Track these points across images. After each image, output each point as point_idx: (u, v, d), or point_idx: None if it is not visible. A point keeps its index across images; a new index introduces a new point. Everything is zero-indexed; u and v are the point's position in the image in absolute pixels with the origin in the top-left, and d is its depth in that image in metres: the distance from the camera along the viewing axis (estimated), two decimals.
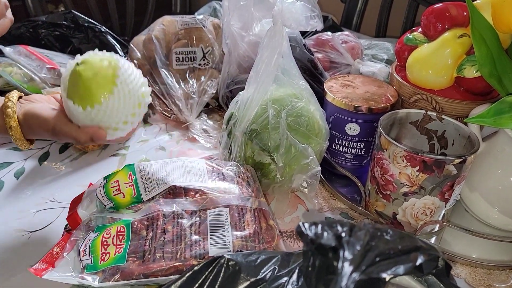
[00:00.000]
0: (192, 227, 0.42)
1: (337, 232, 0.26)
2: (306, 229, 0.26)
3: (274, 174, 0.56)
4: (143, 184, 0.46)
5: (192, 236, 0.41)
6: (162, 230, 0.41)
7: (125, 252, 0.39)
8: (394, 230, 0.30)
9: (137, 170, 0.47)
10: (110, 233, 0.41)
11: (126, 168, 0.47)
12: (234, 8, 0.74)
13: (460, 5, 0.60)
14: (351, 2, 1.31)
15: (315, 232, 0.26)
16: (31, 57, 0.73)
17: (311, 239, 0.25)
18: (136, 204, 0.45)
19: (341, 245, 0.24)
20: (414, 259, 0.27)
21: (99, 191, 0.46)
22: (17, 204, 0.57)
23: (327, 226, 0.26)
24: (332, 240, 0.25)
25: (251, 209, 0.46)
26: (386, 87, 0.65)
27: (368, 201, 0.59)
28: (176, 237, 0.41)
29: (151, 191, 0.45)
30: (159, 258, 0.39)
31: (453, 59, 0.58)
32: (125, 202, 0.45)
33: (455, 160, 0.50)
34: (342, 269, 0.23)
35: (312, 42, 0.82)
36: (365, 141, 0.63)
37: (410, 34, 0.64)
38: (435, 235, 0.58)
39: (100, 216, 0.43)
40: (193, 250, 0.40)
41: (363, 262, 0.24)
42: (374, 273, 0.24)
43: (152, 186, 0.46)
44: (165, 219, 0.42)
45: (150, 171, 0.47)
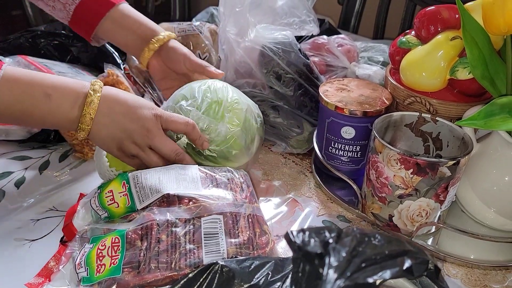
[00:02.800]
0: (186, 236, 0.43)
1: (324, 238, 0.27)
2: (294, 236, 0.27)
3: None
4: (137, 193, 0.46)
5: (187, 245, 0.42)
6: (156, 240, 0.42)
7: (120, 263, 0.40)
8: (382, 235, 0.30)
9: (130, 179, 0.48)
10: (105, 245, 0.41)
11: (120, 178, 0.48)
12: (230, 14, 0.75)
13: (452, 7, 0.60)
14: (349, 3, 1.31)
15: (302, 239, 0.26)
16: (30, 67, 0.74)
17: (298, 246, 0.26)
18: (131, 213, 0.46)
19: (327, 252, 0.25)
20: (401, 264, 0.28)
21: (93, 201, 0.47)
22: (18, 213, 0.58)
23: (315, 233, 0.27)
24: (318, 247, 0.25)
25: (245, 215, 0.46)
26: (381, 90, 0.65)
27: (365, 204, 0.60)
28: (171, 246, 0.42)
29: (145, 200, 0.46)
30: (154, 268, 0.39)
31: (446, 61, 0.58)
32: (120, 212, 0.46)
33: (449, 162, 0.50)
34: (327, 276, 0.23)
35: (308, 46, 0.83)
36: (360, 144, 0.63)
37: (403, 37, 0.64)
38: (432, 236, 0.58)
39: (95, 227, 0.44)
40: (187, 259, 0.41)
41: (348, 268, 0.24)
42: (360, 279, 0.25)
43: (146, 194, 0.46)
44: (159, 228, 0.43)
45: (143, 179, 0.47)
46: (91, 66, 0.87)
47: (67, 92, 0.51)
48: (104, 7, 0.67)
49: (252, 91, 0.74)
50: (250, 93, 0.75)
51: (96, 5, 0.67)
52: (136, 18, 0.69)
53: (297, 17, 0.80)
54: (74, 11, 0.67)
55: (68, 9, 0.67)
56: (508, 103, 0.49)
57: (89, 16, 0.67)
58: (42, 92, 0.49)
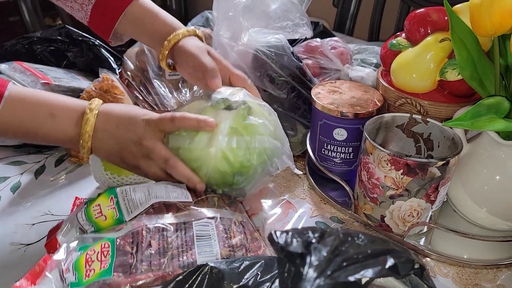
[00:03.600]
0: (177, 239, 0.43)
1: (307, 239, 0.28)
2: (277, 237, 0.27)
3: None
4: (125, 205, 0.47)
5: (179, 247, 0.42)
6: (147, 244, 0.42)
7: (111, 266, 0.40)
8: (366, 235, 0.31)
9: (118, 194, 0.48)
10: (94, 250, 0.41)
11: (108, 193, 0.48)
12: (223, 18, 0.76)
13: (441, 10, 0.61)
14: (344, 6, 1.32)
15: (285, 240, 0.27)
16: (26, 73, 0.75)
17: (281, 247, 0.26)
18: (118, 225, 0.46)
19: (309, 252, 0.26)
20: (383, 262, 0.28)
21: (80, 215, 0.47)
22: (14, 218, 0.58)
23: (298, 234, 0.27)
24: (300, 247, 0.26)
25: (235, 221, 0.47)
26: (373, 92, 0.66)
27: (357, 205, 0.60)
28: (162, 249, 0.42)
29: (134, 211, 0.46)
30: (147, 269, 0.40)
31: (435, 63, 0.59)
32: (107, 225, 0.46)
33: (438, 162, 0.51)
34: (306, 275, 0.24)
35: (302, 49, 0.84)
36: (353, 145, 0.64)
37: (394, 40, 0.65)
38: (424, 236, 0.59)
39: (82, 237, 0.44)
40: (180, 260, 0.41)
41: (329, 267, 0.25)
42: (341, 277, 0.25)
43: (134, 206, 0.46)
44: (149, 233, 0.43)
45: (132, 192, 0.48)
46: (87, 71, 0.87)
47: (69, 111, 0.52)
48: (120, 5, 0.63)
49: None
50: None
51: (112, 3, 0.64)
52: (153, 14, 0.65)
53: (290, 21, 0.81)
54: (91, 12, 0.65)
55: (86, 10, 0.65)
56: (495, 104, 0.49)
57: (107, 15, 0.64)
58: (47, 112, 0.50)
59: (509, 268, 0.54)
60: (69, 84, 0.77)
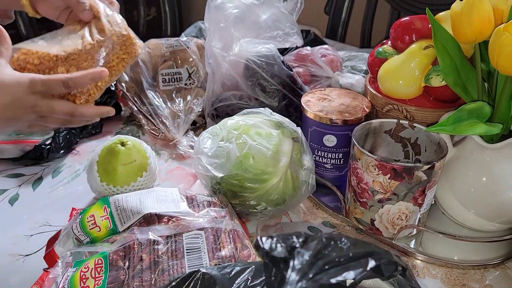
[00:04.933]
0: (168, 252, 0.44)
1: (292, 243, 0.29)
2: (262, 242, 0.29)
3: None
4: (118, 216, 0.48)
5: (169, 260, 0.44)
6: (138, 259, 0.43)
7: (104, 284, 0.41)
8: (348, 238, 0.32)
9: (111, 203, 0.49)
10: (88, 267, 0.43)
11: (101, 202, 0.50)
12: (215, 29, 0.78)
13: (425, 18, 0.63)
14: (335, 13, 1.34)
15: (270, 245, 0.28)
16: None
17: (266, 252, 0.28)
18: (112, 236, 0.47)
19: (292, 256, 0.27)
20: (364, 264, 0.30)
21: (75, 227, 0.48)
22: (12, 230, 0.60)
23: (282, 239, 0.29)
24: (284, 252, 0.27)
25: (225, 231, 0.48)
26: (361, 99, 0.67)
27: (348, 209, 0.62)
28: (153, 264, 0.43)
29: (126, 221, 0.48)
30: (138, 285, 0.41)
31: (420, 70, 0.61)
32: (102, 235, 0.48)
33: (424, 166, 0.53)
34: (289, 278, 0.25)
35: (293, 57, 0.86)
36: (343, 151, 0.65)
37: (380, 48, 0.67)
38: (414, 238, 0.60)
39: (77, 251, 0.46)
40: (171, 274, 0.42)
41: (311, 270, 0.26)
42: (324, 279, 0.27)
43: (127, 216, 0.48)
44: (140, 247, 0.44)
45: (124, 202, 0.49)
46: None
47: None
48: None
49: (239, 103, 0.77)
50: (237, 104, 0.77)
51: None
52: None
53: (281, 30, 0.83)
54: None
55: None
56: (476, 109, 0.51)
57: None
58: None
59: (496, 268, 0.56)
60: None
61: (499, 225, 0.58)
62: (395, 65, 0.62)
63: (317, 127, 0.64)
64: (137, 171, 0.61)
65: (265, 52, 0.74)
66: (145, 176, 0.62)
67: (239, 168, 0.56)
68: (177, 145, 0.78)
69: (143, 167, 0.62)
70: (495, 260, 0.56)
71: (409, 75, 0.61)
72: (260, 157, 0.56)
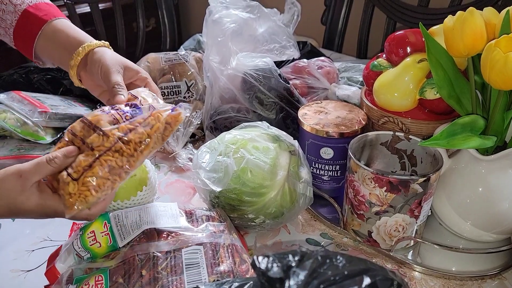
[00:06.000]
0: (167, 267, 0.45)
1: (288, 263, 0.30)
2: (259, 262, 0.29)
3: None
4: (118, 231, 0.49)
5: (169, 276, 0.44)
6: (138, 275, 0.44)
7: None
8: (344, 255, 0.33)
9: (112, 219, 0.50)
10: (89, 283, 0.43)
11: (101, 218, 0.50)
12: (213, 44, 0.79)
13: (418, 32, 0.64)
14: (332, 23, 1.36)
15: (266, 265, 0.29)
16: (24, 102, 0.78)
17: (262, 272, 0.28)
18: (112, 252, 0.48)
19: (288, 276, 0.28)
20: (359, 282, 0.30)
21: (76, 243, 0.49)
22: (14, 245, 0.60)
23: (278, 258, 0.29)
24: (279, 272, 0.28)
25: (224, 245, 0.49)
26: (357, 111, 0.68)
27: (346, 221, 0.63)
28: (153, 280, 0.44)
29: (127, 237, 0.48)
30: None
31: (414, 83, 0.62)
32: (102, 251, 0.48)
33: (419, 179, 0.53)
34: None
35: (290, 70, 0.86)
36: (340, 163, 0.66)
37: (375, 61, 0.68)
38: (411, 249, 0.61)
39: (78, 267, 0.46)
40: None
41: None
42: None
43: (127, 232, 0.49)
44: (140, 263, 0.45)
45: (124, 218, 0.50)
46: (83, 97, 0.90)
47: None
48: (36, 25, 0.62)
49: (237, 116, 0.78)
50: (235, 117, 0.78)
51: (30, 24, 0.62)
52: (67, 32, 0.62)
53: (277, 43, 0.84)
54: (14, 34, 0.63)
55: (9, 33, 0.64)
56: (470, 122, 0.52)
57: (26, 37, 0.63)
58: None
59: (493, 279, 0.56)
60: (66, 111, 0.80)
61: (496, 236, 0.59)
62: (390, 78, 0.63)
63: (314, 140, 0.65)
64: (137, 186, 0.61)
65: (262, 66, 0.76)
66: (145, 190, 0.62)
67: (237, 182, 0.57)
68: (176, 157, 0.79)
69: (143, 181, 0.62)
70: (493, 271, 0.57)
71: (404, 88, 0.62)
72: (257, 171, 0.57)
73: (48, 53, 0.64)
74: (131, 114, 0.48)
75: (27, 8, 0.62)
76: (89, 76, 0.61)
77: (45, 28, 0.62)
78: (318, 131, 0.64)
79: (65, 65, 0.62)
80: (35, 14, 0.62)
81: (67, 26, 0.63)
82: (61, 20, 0.64)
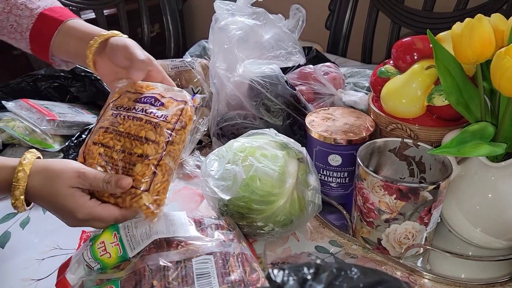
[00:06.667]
0: (178, 278, 0.45)
1: (303, 275, 0.30)
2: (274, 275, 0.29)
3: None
4: (128, 242, 0.49)
5: (180, 286, 0.44)
6: (149, 285, 0.44)
7: None
8: (358, 267, 0.33)
9: (121, 229, 0.50)
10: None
11: (111, 228, 0.50)
12: (219, 51, 0.79)
13: (426, 38, 0.64)
14: (336, 28, 1.36)
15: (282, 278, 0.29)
16: (32, 110, 0.78)
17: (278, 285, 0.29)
18: (122, 263, 0.48)
19: None
20: None
21: (86, 254, 0.49)
22: (24, 254, 0.60)
23: (294, 271, 0.29)
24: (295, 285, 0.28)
25: (234, 254, 0.49)
26: (365, 118, 0.68)
27: (355, 228, 0.62)
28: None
29: (136, 247, 0.48)
30: None
31: (423, 90, 0.61)
32: (112, 262, 0.48)
33: (429, 186, 0.53)
34: None
35: (296, 76, 0.87)
36: (348, 170, 0.66)
37: (382, 67, 0.68)
38: (421, 257, 0.61)
39: (88, 279, 0.46)
40: None
41: None
42: None
43: (136, 242, 0.49)
44: (151, 274, 0.45)
45: (133, 228, 0.50)
46: (90, 104, 0.91)
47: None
48: (53, 26, 0.63)
49: (244, 122, 0.78)
50: (242, 124, 0.78)
51: (46, 26, 0.64)
52: (84, 27, 0.64)
53: (283, 49, 0.84)
54: (30, 38, 0.65)
55: (25, 37, 0.65)
56: (480, 130, 0.52)
57: (42, 38, 0.64)
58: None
59: (503, 286, 0.56)
60: (74, 119, 0.80)
61: (506, 242, 0.58)
62: (398, 85, 0.63)
63: (322, 147, 0.65)
64: None
65: (269, 73, 0.76)
66: None
67: (246, 190, 0.57)
68: (183, 164, 0.79)
69: None
70: (503, 278, 0.57)
71: (412, 95, 0.62)
72: (266, 179, 0.57)
73: (64, 48, 0.65)
74: (162, 114, 0.53)
75: (43, 11, 0.64)
76: (107, 60, 0.62)
77: (61, 27, 0.64)
78: (326, 138, 0.64)
79: (81, 56, 0.62)
80: (51, 16, 0.64)
81: (83, 23, 0.65)
82: (76, 19, 0.65)
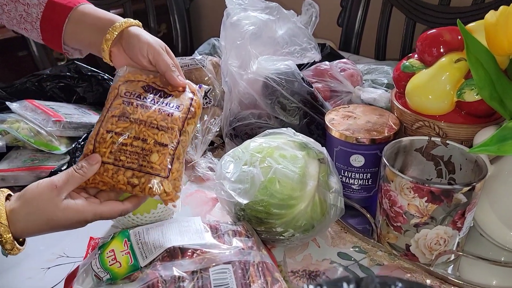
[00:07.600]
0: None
1: None
2: None
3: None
4: (140, 250, 0.45)
5: None
6: None
7: None
8: (403, 281, 0.29)
9: (132, 236, 0.47)
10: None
11: (121, 235, 0.47)
12: (231, 47, 0.76)
13: (453, 29, 0.60)
14: (348, 25, 1.32)
15: None
16: (37, 111, 0.75)
17: None
18: (133, 272, 0.44)
19: None
20: None
21: (94, 263, 0.45)
22: (28, 262, 0.57)
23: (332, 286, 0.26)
24: None
25: (253, 263, 0.45)
26: (388, 115, 0.64)
27: (380, 233, 0.58)
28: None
29: (149, 256, 0.45)
30: None
31: (452, 84, 0.57)
32: (122, 272, 0.45)
33: (464, 188, 0.49)
34: None
35: (311, 73, 0.83)
36: (371, 171, 0.62)
37: (406, 61, 0.64)
38: (452, 264, 0.57)
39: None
40: None
41: None
42: None
43: (149, 250, 0.45)
44: (165, 285, 0.42)
45: (145, 235, 0.47)
46: (97, 105, 0.87)
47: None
48: (63, 13, 0.61)
49: (258, 122, 0.74)
50: (256, 124, 0.74)
51: (56, 14, 0.61)
52: (96, 14, 0.62)
53: (298, 45, 0.81)
54: (41, 26, 0.62)
55: (36, 27, 0.63)
56: None
57: (53, 26, 0.62)
58: None
59: None
60: (80, 120, 0.77)
61: None
62: (425, 79, 0.59)
63: (343, 147, 0.61)
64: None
65: (285, 69, 0.72)
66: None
67: (265, 194, 0.53)
68: (195, 167, 0.75)
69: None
70: None
71: (440, 90, 0.58)
72: (286, 181, 0.53)
73: (77, 37, 0.62)
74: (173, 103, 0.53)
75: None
76: (123, 52, 0.60)
77: (72, 14, 0.61)
78: (348, 137, 0.60)
79: (95, 45, 0.60)
80: (60, 3, 0.61)
81: (94, 8, 0.62)
82: (86, 4, 0.63)
